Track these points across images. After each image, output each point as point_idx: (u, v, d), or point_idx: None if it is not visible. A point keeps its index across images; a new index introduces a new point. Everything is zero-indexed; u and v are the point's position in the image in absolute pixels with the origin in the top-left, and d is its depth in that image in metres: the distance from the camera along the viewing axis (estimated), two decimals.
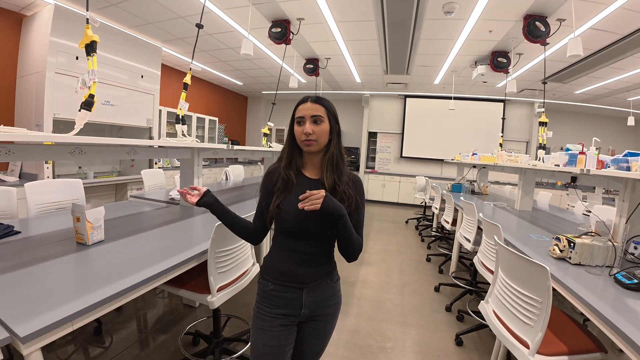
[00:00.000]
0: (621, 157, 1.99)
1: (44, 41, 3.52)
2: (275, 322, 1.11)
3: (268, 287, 1.13)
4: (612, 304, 1.28)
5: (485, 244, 2.44)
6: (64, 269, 1.31)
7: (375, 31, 4.28)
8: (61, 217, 2.13)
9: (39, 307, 0.97)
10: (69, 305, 0.99)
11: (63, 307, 0.98)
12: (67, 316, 0.94)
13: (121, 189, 4.87)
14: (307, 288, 1.12)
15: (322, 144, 1.11)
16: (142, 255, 1.52)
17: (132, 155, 2.14)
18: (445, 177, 7.95)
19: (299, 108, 1.11)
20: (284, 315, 1.12)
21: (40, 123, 3.49)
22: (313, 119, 1.08)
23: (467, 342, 2.42)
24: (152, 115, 4.93)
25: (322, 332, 1.20)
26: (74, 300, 1.02)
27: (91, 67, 1.49)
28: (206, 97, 7.98)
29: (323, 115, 1.09)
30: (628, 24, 3.49)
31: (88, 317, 1.02)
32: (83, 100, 1.49)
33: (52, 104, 3.53)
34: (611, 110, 7.46)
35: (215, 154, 2.87)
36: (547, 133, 3.53)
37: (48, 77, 3.48)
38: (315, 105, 1.10)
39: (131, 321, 2.46)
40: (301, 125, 1.09)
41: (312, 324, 1.17)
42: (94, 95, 1.52)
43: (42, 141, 1.55)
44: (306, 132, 1.07)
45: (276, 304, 1.12)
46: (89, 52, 1.48)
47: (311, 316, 1.15)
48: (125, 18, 4.12)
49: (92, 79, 1.49)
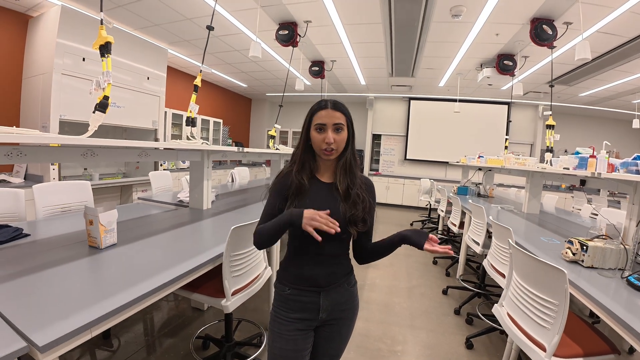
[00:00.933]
0: (630, 161, 1.98)
1: (51, 42, 3.53)
2: (292, 327, 1.10)
3: (285, 291, 1.12)
4: (627, 305, 1.28)
5: (495, 247, 2.43)
6: (78, 273, 1.29)
7: (382, 34, 4.28)
8: (70, 219, 2.12)
9: (55, 314, 0.94)
10: (87, 312, 0.97)
11: (80, 313, 0.95)
12: (86, 324, 0.92)
13: (126, 190, 4.87)
14: (324, 292, 1.11)
15: (340, 151, 1.10)
16: (157, 259, 1.51)
17: (143, 157, 2.13)
18: (449, 180, 7.94)
19: (318, 114, 1.07)
20: (301, 320, 1.11)
21: (47, 124, 3.49)
22: (335, 127, 1.06)
23: (477, 346, 2.40)
24: (158, 117, 4.94)
25: (339, 337, 1.19)
26: (91, 307, 1.00)
27: (105, 68, 1.49)
28: (211, 99, 8.00)
29: (344, 123, 1.08)
30: (635, 27, 3.49)
31: (107, 324, 1.00)
32: (97, 101, 1.49)
33: (59, 105, 3.54)
34: (616, 112, 7.45)
35: (225, 157, 2.87)
36: (554, 136, 3.53)
37: (55, 79, 3.48)
38: (336, 112, 1.07)
39: (139, 324, 2.45)
40: (321, 132, 1.07)
41: (329, 328, 1.16)
42: (109, 97, 1.52)
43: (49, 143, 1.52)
44: (328, 142, 1.05)
45: (293, 308, 1.11)
46: (103, 53, 1.48)
47: (328, 320, 1.14)
48: (131, 19, 4.13)
49: (106, 81, 1.49)
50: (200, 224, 2.26)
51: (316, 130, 1.07)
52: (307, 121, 1.11)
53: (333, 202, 1.09)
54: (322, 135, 1.06)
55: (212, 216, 2.47)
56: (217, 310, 2.56)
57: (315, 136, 1.08)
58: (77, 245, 1.60)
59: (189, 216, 2.43)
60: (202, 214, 2.51)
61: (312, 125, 1.08)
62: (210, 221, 2.34)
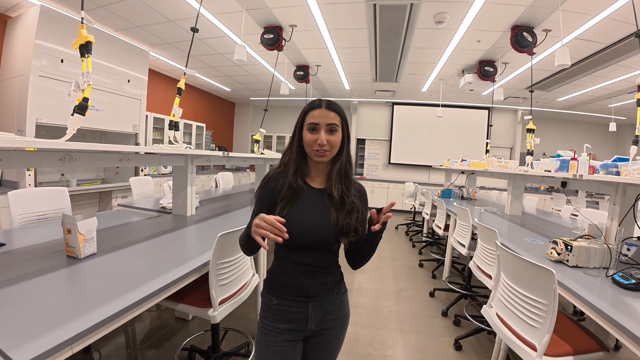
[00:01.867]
0: (610, 163, 2.05)
1: (29, 43, 3.38)
2: (280, 338, 1.06)
3: (272, 301, 1.07)
4: (613, 303, 1.31)
5: (481, 249, 2.46)
6: (56, 285, 1.22)
7: (366, 39, 4.32)
8: (47, 227, 2.02)
9: (34, 330, 0.89)
10: (67, 327, 0.91)
11: (61, 329, 0.90)
12: (67, 339, 0.86)
13: (105, 197, 4.70)
14: (313, 301, 1.06)
15: (334, 154, 1.05)
16: (139, 269, 1.44)
17: (124, 162, 2.05)
18: (433, 183, 8.05)
19: (311, 114, 1.03)
20: (289, 331, 1.07)
21: (23, 128, 3.34)
22: (329, 128, 1.01)
23: (466, 347, 2.42)
24: (139, 121, 4.81)
25: (329, 348, 1.15)
26: (72, 321, 0.94)
27: (85, 68, 1.42)
28: (194, 103, 7.86)
29: (338, 124, 1.03)
30: (613, 33, 3.64)
31: (88, 339, 0.95)
32: (76, 103, 1.42)
33: (35, 108, 3.39)
34: (593, 116, 7.76)
35: (209, 161, 2.80)
36: (534, 140, 3.62)
37: (31, 81, 3.34)
38: (330, 112, 1.02)
39: (120, 336, 2.34)
40: (314, 133, 1.01)
41: (319, 338, 1.12)
42: (88, 99, 1.45)
43: (25, 147, 1.45)
44: (320, 143, 1.00)
45: (281, 319, 1.06)
46: (83, 53, 1.42)
47: (317, 331, 1.10)
48: (112, 20, 4.02)
49: (86, 82, 1.43)
50: (184, 231, 2.19)
51: (309, 130, 1.02)
52: (299, 121, 1.06)
53: (324, 210, 1.04)
54: (315, 136, 1.01)
55: (197, 223, 2.40)
56: (203, 319, 2.48)
57: (307, 136, 1.02)
58: (55, 256, 1.51)
59: (173, 223, 2.35)
60: (186, 221, 2.43)
61: (304, 125, 1.04)
62: (195, 228, 2.27)
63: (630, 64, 4.46)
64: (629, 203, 1.91)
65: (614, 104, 6.58)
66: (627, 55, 4.11)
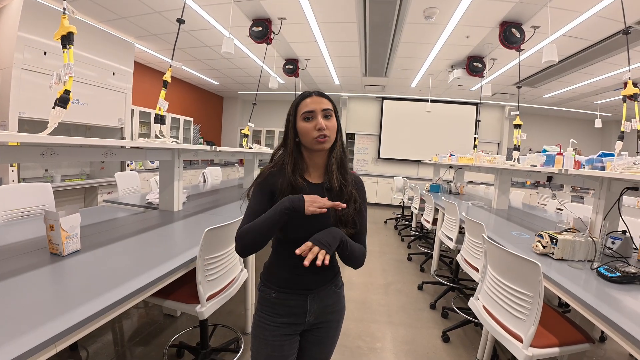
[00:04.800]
0: (596, 158, 2.10)
1: (12, 36, 3.25)
2: (278, 332, 1.05)
3: (270, 294, 1.07)
4: (598, 295, 1.33)
5: (468, 242, 2.49)
6: (39, 283, 1.18)
7: (356, 33, 4.30)
8: (30, 224, 1.96)
9: (15, 329, 0.86)
10: (50, 325, 0.88)
11: (43, 327, 0.87)
12: (49, 338, 0.84)
13: (91, 193, 4.59)
14: (312, 294, 1.06)
15: (333, 139, 1.03)
16: (125, 266, 1.41)
17: (109, 157, 2.00)
18: (421, 178, 8.13)
19: (303, 103, 1.01)
20: (287, 324, 1.06)
21: (5, 123, 3.22)
22: (324, 113, 1.00)
23: (453, 338, 2.46)
24: (124, 115, 4.69)
25: (326, 341, 1.15)
26: (55, 319, 0.92)
27: (67, 60, 1.37)
28: (181, 97, 7.72)
29: (332, 109, 1.02)
30: (600, 31, 3.70)
31: (72, 338, 0.92)
32: (58, 96, 1.38)
33: (18, 102, 3.27)
34: (579, 113, 7.91)
35: (196, 156, 2.76)
36: (521, 135, 3.68)
37: (14, 74, 3.22)
38: (322, 99, 1.02)
39: (108, 333, 2.31)
40: (310, 120, 1.00)
41: (316, 332, 1.12)
42: (70, 91, 1.40)
43: (7, 142, 1.41)
44: (320, 127, 0.98)
45: (279, 313, 1.06)
46: (64, 44, 1.37)
47: (315, 324, 1.10)
48: (96, 11, 3.89)
49: (68, 74, 1.38)
50: (171, 226, 2.15)
51: (304, 119, 1.00)
52: (291, 114, 1.04)
53: None
54: (312, 123, 0.99)
55: (184, 218, 2.37)
56: (191, 316, 2.44)
57: (304, 126, 1.00)
58: (38, 253, 1.47)
59: (159, 219, 2.31)
60: (173, 216, 2.40)
61: (298, 117, 1.02)
62: (182, 223, 2.24)
63: (616, 61, 4.55)
64: (614, 197, 1.94)
65: (600, 100, 6.72)
66: (613, 52, 4.19)
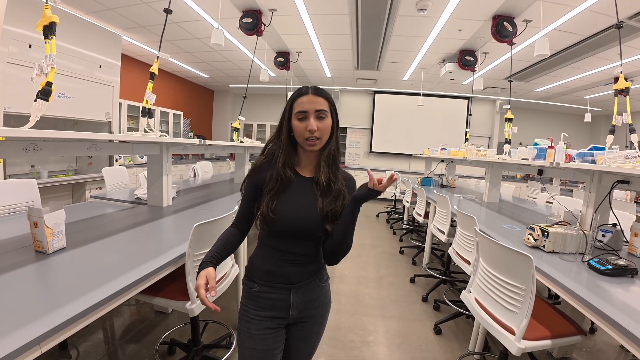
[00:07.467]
0: (586, 151, 2.12)
1: None
2: (261, 325, 1.05)
3: (254, 288, 1.06)
4: (590, 287, 1.34)
5: (460, 235, 2.51)
6: (23, 282, 1.14)
7: (348, 25, 4.25)
8: (16, 221, 1.89)
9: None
10: (35, 325, 0.85)
11: (27, 328, 0.84)
12: (34, 339, 0.81)
13: (79, 189, 4.49)
14: (295, 288, 1.06)
15: (324, 141, 1.02)
16: (112, 263, 1.37)
17: (94, 151, 1.94)
18: (413, 172, 8.16)
19: (298, 101, 1.00)
20: (271, 318, 1.06)
21: None
22: (317, 114, 0.99)
23: (445, 331, 2.48)
24: (112, 109, 4.58)
25: (311, 335, 1.15)
26: (39, 319, 0.88)
27: (49, 51, 1.32)
28: (170, 90, 7.59)
29: (327, 109, 1.00)
30: (592, 25, 3.72)
31: (57, 338, 0.89)
32: (40, 89, 1.32)
33: (3, 97, 3.16)
34: (569, 107, 8.01)
35: (185, 150, 2.71)
36: (512, 129, 3.70)
37: None
38: (318, 98, 1.00)
39: (98, 332, 2.27)
40: (303, 121, 0.99)
41: (300, 326, 1.12)
42: (52, 83, 1.35)
43: None
44: (311, 130, 0.97)
45: (263, 306, 1.05)
46: (47, 34, 1.31)
47: (300, 318, 1.10)
48: (82, 3, 3.79)
49: (50, 65, 1.32)
50: (160, 222, 2.11)
51: (297, 119, 0.99)
52: (287, 110, 1.03)
53: (312, 198, 1.03)
54: (304, 124, 0.98)
55: (173, 214, 2.32)
56: (182, 312, 2.43)
57: (297, 125, 0.99)
58: (23, 251, 1.42)
59: (148, 214, 2.27)
60: (162, 212, 2.35)
61: (292, 114, 1.01)
62: (171, 219, 2.20)
63: (606, 56, 4.59)
64: (605, 190, 1.95)
65: (590, 95, 6.81)
66: (604, 47, 4.23)
